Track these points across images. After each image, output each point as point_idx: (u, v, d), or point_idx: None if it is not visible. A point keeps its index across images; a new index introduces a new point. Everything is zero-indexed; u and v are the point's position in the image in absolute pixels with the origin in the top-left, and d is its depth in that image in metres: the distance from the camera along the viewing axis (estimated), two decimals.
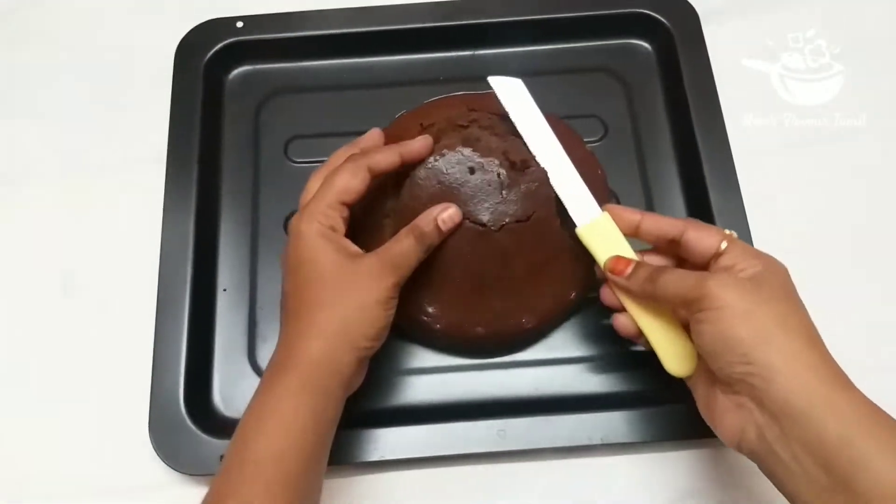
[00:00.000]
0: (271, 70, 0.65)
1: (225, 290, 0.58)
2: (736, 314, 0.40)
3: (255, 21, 0.64)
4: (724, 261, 0.44)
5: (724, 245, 0.44)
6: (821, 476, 0.37)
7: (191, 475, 0.52)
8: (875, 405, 0.38)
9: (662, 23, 0.64)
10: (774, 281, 0.42)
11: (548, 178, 0.50)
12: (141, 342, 0.54)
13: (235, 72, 0.65)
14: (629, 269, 0.46)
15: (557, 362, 0.55)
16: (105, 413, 0.55)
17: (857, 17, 0.67)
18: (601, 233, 0.48)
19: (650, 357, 0.47)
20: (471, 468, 0.52)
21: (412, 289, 0.48)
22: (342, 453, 0.50)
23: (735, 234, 0.45)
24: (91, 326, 0.57)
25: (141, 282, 0.57)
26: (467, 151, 0.50)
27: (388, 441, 0.51)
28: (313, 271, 0.45)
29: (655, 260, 0.49)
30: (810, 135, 0.63)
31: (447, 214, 0.48)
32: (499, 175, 0.49)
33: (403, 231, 0.47)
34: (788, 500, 0.40)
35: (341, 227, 0.47)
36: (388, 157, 0.48)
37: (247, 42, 0.64)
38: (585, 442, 0.51)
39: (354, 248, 0.47)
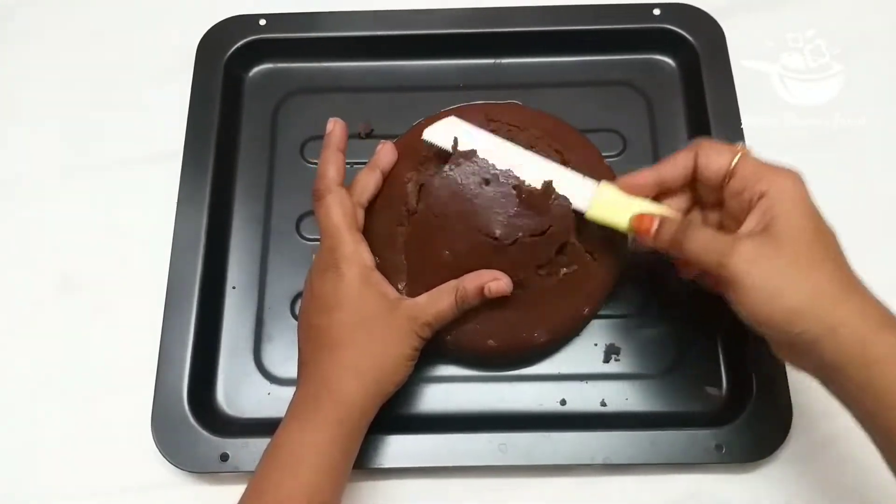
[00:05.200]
0: (292, 69, 0.65)
1: (234, 287, 0.58)
2: (765, 297, 0.41)
3: (277, 19, 0.64)
4: (734, 184, 0.44)
5: (735, 161, 0.44)
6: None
7: (190, 472, 0.52)
8: None
9: (688, 40, 0.63)
10: (791, 217, 0.42)
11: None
12: (146, 338, 0.54)
13: (256, 69, 0.65)
14: (654, 227, 0.45)
15: (561, 378, 0.54)
16: (107, 408, 0.55)
17: (857, 17, 0.67)
18: (610, 204, 0.47)
19: (656, 379, 0.46)
20: (470, 481, 0.52)
21: None
22: None
23: (747, 148, 0.45)
24: (96, 322, 0.57)
25: (149, 277, 0.57)
26: (483, 162, 0.49)
27: (388, 449, 0.51)
28: (353, 315, 0.47)
29: (675, 202, 0.48)
30: (810, 135, 0.62)
31: (496, 286, 0.48)
32: (514, 188, 0.49)
33: (447, 288, 0.48)
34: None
35: (371, 259, 0.49)
36: (371, 180, 0.51)
37: (269, 40, 0.64)
38: (587, 461, 0.50)
39: (392, 291, 0.49)
